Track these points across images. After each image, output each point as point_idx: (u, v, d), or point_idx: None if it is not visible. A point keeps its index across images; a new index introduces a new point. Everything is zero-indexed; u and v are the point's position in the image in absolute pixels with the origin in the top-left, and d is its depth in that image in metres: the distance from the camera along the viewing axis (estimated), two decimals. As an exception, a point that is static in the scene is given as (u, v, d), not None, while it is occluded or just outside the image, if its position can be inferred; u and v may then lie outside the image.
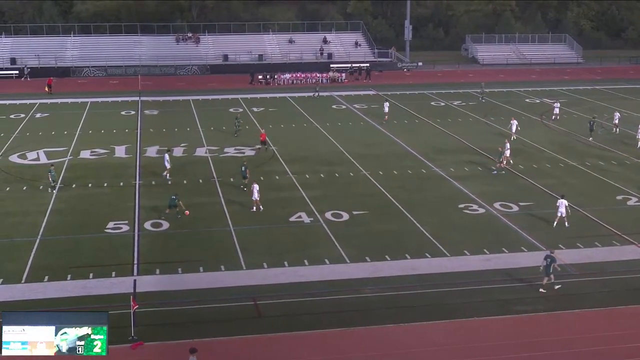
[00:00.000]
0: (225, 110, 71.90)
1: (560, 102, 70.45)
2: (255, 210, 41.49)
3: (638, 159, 52.98)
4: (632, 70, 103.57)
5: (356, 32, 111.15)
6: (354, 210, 41.73)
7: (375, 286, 32.04)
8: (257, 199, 41.54)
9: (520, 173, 49.57)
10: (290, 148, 55.84)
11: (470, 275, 33.34)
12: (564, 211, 39.30)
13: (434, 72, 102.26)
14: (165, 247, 36.58)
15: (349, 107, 73.82)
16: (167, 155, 49.03)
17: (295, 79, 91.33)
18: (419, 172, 49.99)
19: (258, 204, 41.65)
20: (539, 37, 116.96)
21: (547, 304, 30.48)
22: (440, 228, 39.08)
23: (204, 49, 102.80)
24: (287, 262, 34.41)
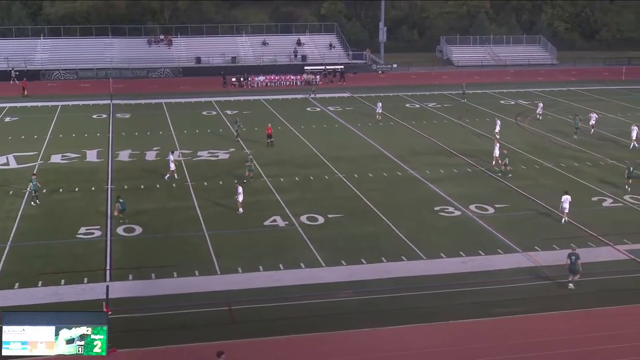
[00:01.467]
0: (199, 113, 71.71)
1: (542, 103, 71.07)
2: (242, 212, 41.54)
3: (613, 159, 53.45)
4: (606, 72, 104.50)
5: (330, 34, 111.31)
6: (330, 213, 41.74)
7: (351, 290, 32.03)
8: (240, 200, 41.55)
9: (496, 174, 49.81)
10: (265, 151, 55.77)
11: (447, 278, 33.43)
12: (568, 207, 39.96)
13: (409, 73, 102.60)
14: (138, 252, 36.38)
15: (324, 110, 73.88)
16: (171, 156, 48.93)
17: (269, 81, 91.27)
18: (394, 175, 50.11)
19: (240, 206, 41.67)
20: (514, 39, 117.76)
21: (524, 306, 30.63)
22: (416, 231, 39.19)
23: (176, 51, 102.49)
24: (262, 267, 34.34)
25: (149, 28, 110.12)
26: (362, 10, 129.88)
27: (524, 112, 72.24)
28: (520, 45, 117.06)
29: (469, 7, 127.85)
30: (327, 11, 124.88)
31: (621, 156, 54.26)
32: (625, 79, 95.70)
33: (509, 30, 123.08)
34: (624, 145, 57.97)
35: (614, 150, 56.72)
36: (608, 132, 62.57)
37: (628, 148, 57.04)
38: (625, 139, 59.81)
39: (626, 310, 30.33)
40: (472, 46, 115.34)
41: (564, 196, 40.46)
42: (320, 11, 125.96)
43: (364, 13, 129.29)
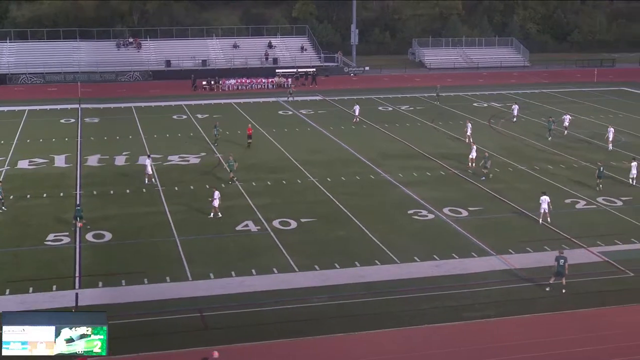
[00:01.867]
0: (169, 117, 71.46)
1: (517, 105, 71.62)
2: (213, 216, 41.46)
3: (586, 162, 53.93)
4: (578, 74, 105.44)
5: (302, 36, 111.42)
6: (302, 217, 41.75)
7: (325, 295, 32.05)
8: (216, 205, 41.48)
9: (469, 178, 50.10)
10: (237, 155, 55.58)
11: (420, 281, 33.55)
12: (547, 207, 40.49)
13: (381, 76, 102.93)
14: (107, 258, 36.16)
15: (296, 113, 73.89)
16: (148, 160, 48.77)
17: (240, 84, 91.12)
18: (367, 178, 50.22)
19: (217, 211, 41.60)
20: (486, 41, 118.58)
21: (497, 309, 30.82)
22: (390, 234, 39.30)
23: (145, 55, 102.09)
24: (234, 272, 34.27)
25: (118, 31, 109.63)
26: (334, 12, 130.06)
27: (497, 115, 72.71)
28: (492, 47, 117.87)
29: (441, 9, 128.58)
30: (298, 13, 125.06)
31: (594, 158, 54.71)
32: (597, 81, 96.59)
33: (481, 32, 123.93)
34: (597, 147, 58.55)
35: (587, 152, 57.24)
36: (581, 134, 63.14)
37: (601, 150, 57.58)
38: (599, 140, 60.44)
39: (600, 313, 30.61)
40: (444, 48, 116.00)
41: (543, 197, 40.89)
42: (292, 13, 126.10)
43: (336, 15, 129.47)
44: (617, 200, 45.23)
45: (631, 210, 43.33)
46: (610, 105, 78.71)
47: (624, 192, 46.86)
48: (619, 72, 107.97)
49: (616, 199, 45.32)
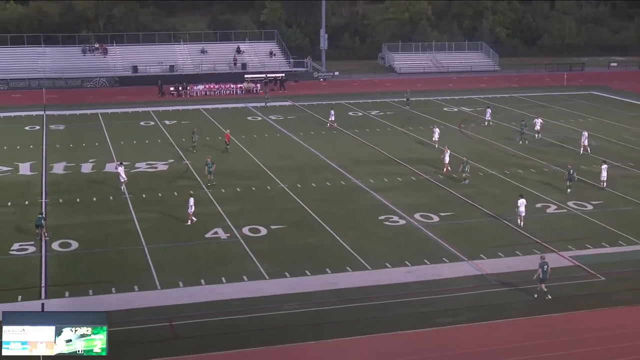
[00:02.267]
0: (136, 123, 71.10)
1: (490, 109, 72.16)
2: (190, 223, 41.41)
3: (556, 166, 54.38)
4: (548, 78, 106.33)
5: (270, 41, 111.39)
6: (272, 224, 41.70)
7: (296, 302, 32.02)
8: (191, 212, 41.47)
9: (440, 183, 50.32)
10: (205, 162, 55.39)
11: (392, 288, 33.61)
12: (524, 210, 40.98)
13: (351, 81, 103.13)
14: (74, 268, 35.87)
15: (265, 119, 73.83)
16: (120, 168, 48.50)
17: (208, 90, 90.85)
18: (338, 184, 50.28)
19: (190, 217, 41.59)
20: (456, 45, 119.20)
21: (469, 314, 30.96)
22: (361, 241, 39.35)
23: (112, 60, 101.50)
24: (203, 280, 34.14)
25: (84, 36, 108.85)
26: (303, 17, 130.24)
27: (467, 119, 73.14)
28: (462, 51, 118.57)
29: (411, 14, 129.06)
30: (267, 18, 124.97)
31: (565, 162, 55.09)
32: (566, 85, 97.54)
33: (450, 37, 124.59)
34: (568, 152, 59.06)
35: (558, 156, 57.69)
36: (551, 138, 63.66)
37: (571, 154, 58.06)
38: (568, 144, 60.99)
39: (572, 317, 30.85)
40: (414, 53, 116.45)
41: (520, 200, 41.35)
42: (260, 18, 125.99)
43: (305, 20, 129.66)
44: (588, 204, 45.65)
45: (602, 214, 43.76)
46: (580, 109, 79.46)
47: (594, 196, 47.30)
48: (588, 76, 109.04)
49: (587, 203, 45.73)
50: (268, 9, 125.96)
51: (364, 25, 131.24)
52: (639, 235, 40.14)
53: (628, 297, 32.73)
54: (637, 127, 69.44)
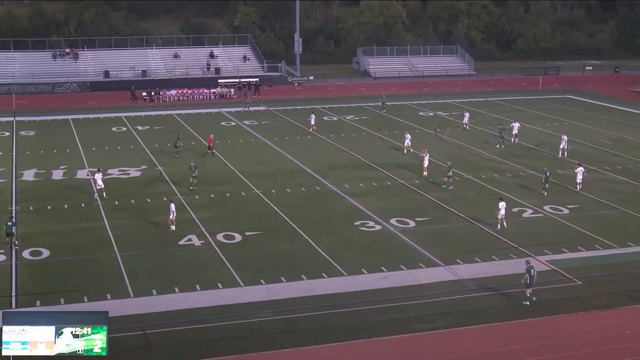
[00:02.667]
0: (108, 129, 70.74)
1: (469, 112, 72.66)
2: (175, 229, 41.42)
3: (532, 170, 54.70)
4: (523, 82, 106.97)
5: (244, 45, 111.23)
6: (247, 231, 41.63)
7: (271, 310, 31.97)
8: (172, 218, 41.45)
9: (416, 187, 50.47)
10: (178, 168, 55.25)
11: (368, 294, 33.66)
12: (504, 213, 41.49)
13: (326, 85, 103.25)
14: (45, 276, 35.62)
15: (239, 124, 73.73)
16: (97, 175, 48.29)
17: (181, 95, 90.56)
18: (313, 190, 50.30)
19: (172, 223, 41.56)
20: (431, 49, 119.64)
21: (446, 320, 31.07)
22: (337, 246, 39.39)
23: (83, 65, 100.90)
24: (177, 288, 34.02)
25: (54, 41, 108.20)
26: (277, 21, 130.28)
27: (443, 124, 73.43)
28: (437, 55, 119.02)
29: (386, 17, 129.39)
30: (240, 22, 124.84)
31: (540, 166, 55.40)
32: (542, 89, 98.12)
33: (425, 41, 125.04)
34: (544, 156, 59.45)
35: (534, 160, 58.04)
36: (528, 143, 64.04)
37: (547, 158, 58.44)
38: (545, 148, 61.40)
39: (549, 322, 31.04)
40: (389, 57, 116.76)
41: (500, 203, 41.77)
42: (234, 22, 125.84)
43: (279, 24, 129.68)
44: (564, 208, 45.97)
45: (578, 218, 44.09)
46: (555, 113, 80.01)
47: (570, 200, 47.65)
48: (563, 79, 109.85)
49: (563, 207, 46.05)
50: (242, 13, 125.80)
51: (338, 29, 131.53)
52: (615, 239, 40.52)
53: (605, 301, 33.01)
54: (612, 130, 70.10)
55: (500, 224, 41.79)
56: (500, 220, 41.80)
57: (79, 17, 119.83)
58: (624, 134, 68.63)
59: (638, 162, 57.85)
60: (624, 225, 43.41)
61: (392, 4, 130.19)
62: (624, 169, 55.66)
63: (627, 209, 46.00)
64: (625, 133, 68.92)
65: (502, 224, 41.78)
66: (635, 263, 37.53)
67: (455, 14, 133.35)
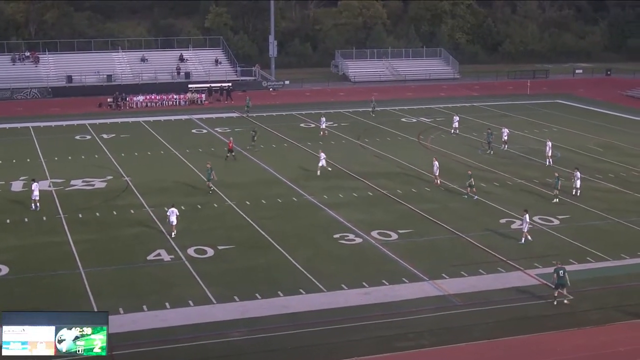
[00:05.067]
0: (71, 137, 70.47)
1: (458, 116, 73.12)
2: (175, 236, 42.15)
3: (521, 179, 54.98)
4: (510, 86, 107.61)
5: (216, 48, 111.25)
6: (220, 244, 41.56)
7: (245, 328, 31.91)
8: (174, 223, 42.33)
9: (399, 198, 50.58)
10: (146, 178, 55.16)
11: (349, 311, 33.66)
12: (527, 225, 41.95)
13: (302, 90, 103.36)
14: (4, 294, 35.32)
15: (211, 132, 73.65)
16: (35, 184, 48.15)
17: (149, 101, 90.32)
18: (290, 200, 50.30)
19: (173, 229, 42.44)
20: (413, 52, 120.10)
21: (431, 338, 31.11)
22: (315, 261, 39.38)
23: (44, 70, 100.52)
24: (146, 306, 33.88)
25: (13, 44, 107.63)
26: (250, 22, 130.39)
27: (426, 131, 73.67)
28: (420, 58, 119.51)
29: (365, 18, 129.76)
30: (211, 24, 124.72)
31: (529, 175, 55.90)
32: (530, 94, 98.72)
33: (407, 43, 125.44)
34: (533, 164, 59.76)
35: (522, 168, 58.36)
36: (516, 150, 64.37)
37: (535, 166, 58.78)
38: (533, 156, 61.72)
39: (539, 339, 31.14)
40: (369, 60, 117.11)
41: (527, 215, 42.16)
42: (204, 24, 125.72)
43: (252, 26, 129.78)
44: (554, 219, 46.22)
45: (569, 229, 44.34)
46: (544, 118, 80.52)
47: (561, 210, 47.91)
48: (552, 83, 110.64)
49: (553, 218, 46.31)
50: (213, 13, 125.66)
51: (315, 31, 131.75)
52: (607, 251, 40.77)
53: (597, 317, 33.17)
54: (604, 137, 70.62)
55: (524, 237, 41.90)
56: (524, 233, 41.89)
57: (40, 18, 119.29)
58: (615, 140, 69.15)
59: (631, 169, 58.33)
60: (617, 236, 43.72)
61: (372, 4, 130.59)
62: (616, 177, 56.09)
63: (619, 219, 46.33)
64: (617, 139, 69.45)
65: (527, 237, 41.90)
66: (629, 276, 37.78)
67: (439, 14, 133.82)
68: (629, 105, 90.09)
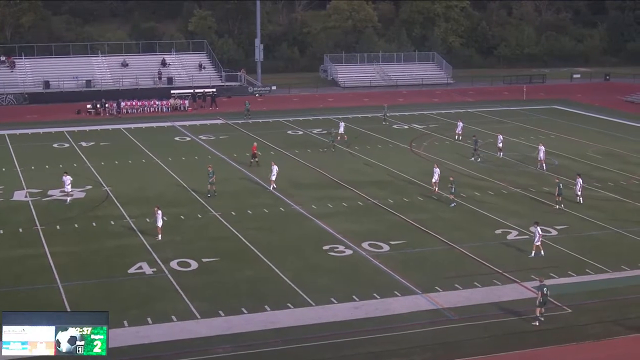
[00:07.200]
0: (49, 145, 70.32)
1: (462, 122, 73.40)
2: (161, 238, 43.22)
3: (516, 187, 55.08)
4: (506, 91, 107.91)
5: (200, 52, 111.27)
6: (204, 257, 41.49)
7: (231, 344, 31.85)
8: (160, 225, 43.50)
9: (390, 208, 50.60)
10: (127, 188, 55.06)
11: (339, 326, 33.63)
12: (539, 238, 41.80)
13: (290, 96, 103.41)
14: (-22, 310, 35.21)
15: (194, 139, 73.60)
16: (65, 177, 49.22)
17: (130, 107, 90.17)
18: (277, 211, 50.25)
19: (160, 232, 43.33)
20: (405, 56, 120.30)
21: (424, 354, 31.10)
22: (303, 274, 39.35)
23: (20, 75, 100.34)
24: (126, 322, 33.77)
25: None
26: (236, 25, 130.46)
27: (419, 138, 73.76)
28: (412, 63, 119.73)
29: (355, 21, 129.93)
30: (195, 27, 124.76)
31: (525, 183, 56.01)
32: (526, 99, 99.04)
33: (399, 47, 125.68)
34: (528, 172, 59.88)
35: (518, 176, 58.49)
36: (511, 157, 64.51)
37: (531, 174, 58.91)
38: (529, 164, 61.85)
39: (537, 354, 31.17)
40: (359, 65, 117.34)
41: (537, 227, 41.91)
42: (188, 27, 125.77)
43: (238, 29, 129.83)
44: (552, 229, 46.27)
45: (567, 240, 44.41)
46: (541, 125, 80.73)
47: (559, 220, 47.99)
48: (549, 88, 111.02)
49: (551, 228, 46.34)
50: (197, 17, 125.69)
51: (303, 34, 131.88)
52: (607, 263, 40.85)
53: (597, 331, 33.22)
54: (603, 144, 70.83)
55: (535, 251, 41.87)
56: (535, 247, 41.84)
57: (16, 21, 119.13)
58: (615, 147, 69.38)
59: (630, 177, 58.52)
60: (617, 247, 43.83)
61: (362, 6, 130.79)
62: (616, 186, 56.26)
63: (619, 229, 46.45)
64: (616, 146, 69.69)
65: (539, 251, 41.87)
66: (629, 288, 37.86)
67: (432, 17, 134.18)
68: (630, 111, 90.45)
